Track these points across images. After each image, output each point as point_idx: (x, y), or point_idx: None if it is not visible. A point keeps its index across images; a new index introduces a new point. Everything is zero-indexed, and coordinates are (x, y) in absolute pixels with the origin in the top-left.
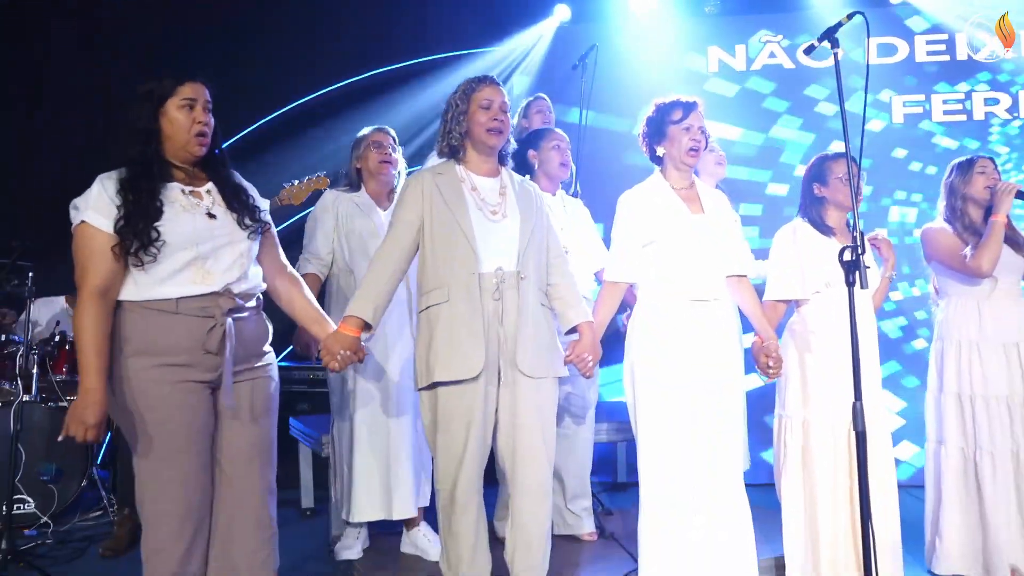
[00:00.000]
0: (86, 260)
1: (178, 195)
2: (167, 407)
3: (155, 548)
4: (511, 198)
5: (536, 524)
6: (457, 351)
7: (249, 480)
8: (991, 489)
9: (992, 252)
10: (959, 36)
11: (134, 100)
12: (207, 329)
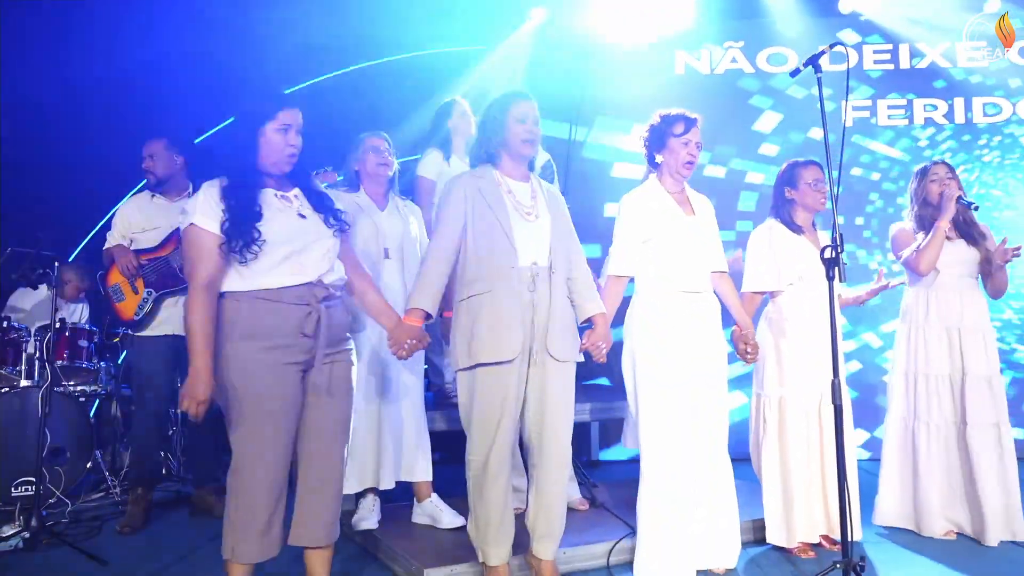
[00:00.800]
0: (196, 257)
1: (272, 199)
2: (268, 386)
3: (248, 511)
4: (541, 201)
5: (558, 490)
6: (499, 336)
7: (330, 455)
8: (925, 456)
9: (930, 253)
10: (902, 46)
11: (235, 115)
12: (304, 315)
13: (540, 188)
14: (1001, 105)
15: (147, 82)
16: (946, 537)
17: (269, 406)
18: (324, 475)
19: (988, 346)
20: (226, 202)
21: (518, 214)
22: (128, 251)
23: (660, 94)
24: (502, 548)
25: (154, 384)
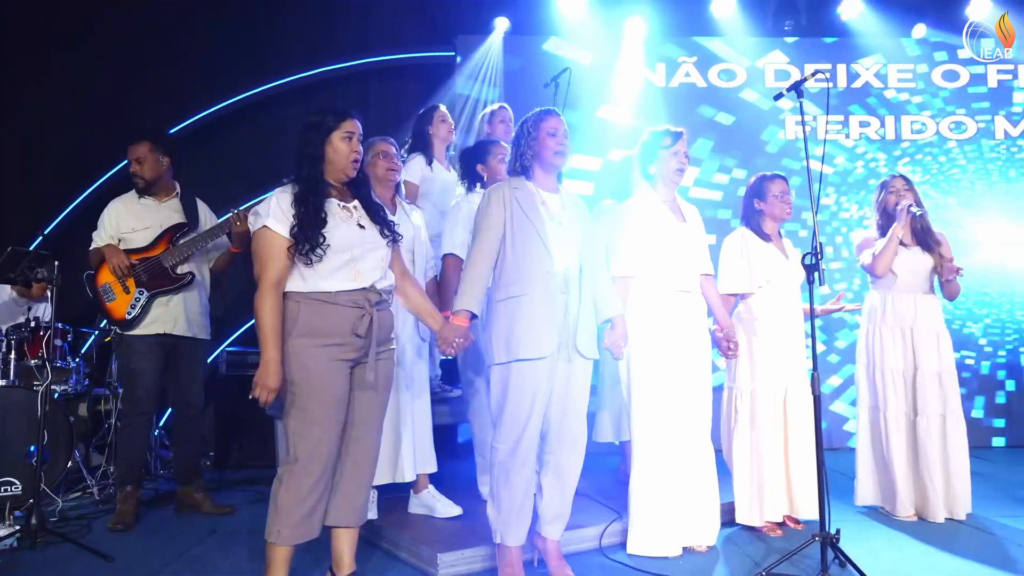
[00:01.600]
0: (266, 258)
1: (336, 208)
2: (323, 380)
3: (297, 497)
4: (570, 210)
5: (574, 476)
6: (537, 335)
7: (369, 443)
8: (886, 442)
9: (885, 258)
10: (840, 66)
11: (303, 128)
12: (358, 317)
13: (569, 199)
14: (927, 124)
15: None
16: (908, 519)
17: (325, 399)
18: (362, 462)
19: (940, 345)
20: (296, 208)
21: (552, 222)
22: (120, 251)
23: (620, 105)
24: (521, 531)
25: (145, 383)
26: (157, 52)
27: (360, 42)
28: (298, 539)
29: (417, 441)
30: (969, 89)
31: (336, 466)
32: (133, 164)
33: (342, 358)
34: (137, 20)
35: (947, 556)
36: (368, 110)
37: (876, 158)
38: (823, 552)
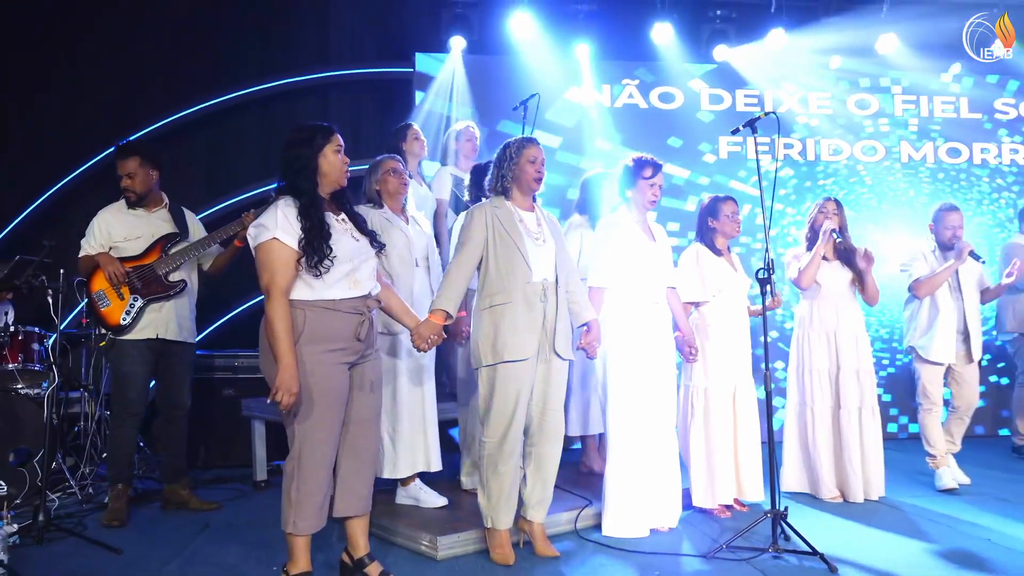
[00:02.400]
0: (275, 268)
1: (333, 221)
2: (328, 382)
3: (309, 490)
4: (545, 226)
5: (554, 463)
6: (519, 339)
7: (368, 437)
8: (812, 434)
9: (808, 273)
10: (767, 92)
11: (292, 143)
12: (359, 323)
13: (543, 216)
14: (841, 147)
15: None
16: (833, 500)
17: (330, 400)
18: (364, 456)
19: (859, 346)
20: (303, 221)
21: (530, 238)
22: (115, 260)
23: (572, 123)
24: (509, 515)
25: (136, 385)
26: (115, 60)
27: (320, 56)
28: (313, 528)
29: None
30: (879, 117)
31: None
32: (124, 179)
33: (343, 361)
34: (97, 27)
35: (869, 529)
36: (328, 121)
37: (798, 177)
38: (773, 526)
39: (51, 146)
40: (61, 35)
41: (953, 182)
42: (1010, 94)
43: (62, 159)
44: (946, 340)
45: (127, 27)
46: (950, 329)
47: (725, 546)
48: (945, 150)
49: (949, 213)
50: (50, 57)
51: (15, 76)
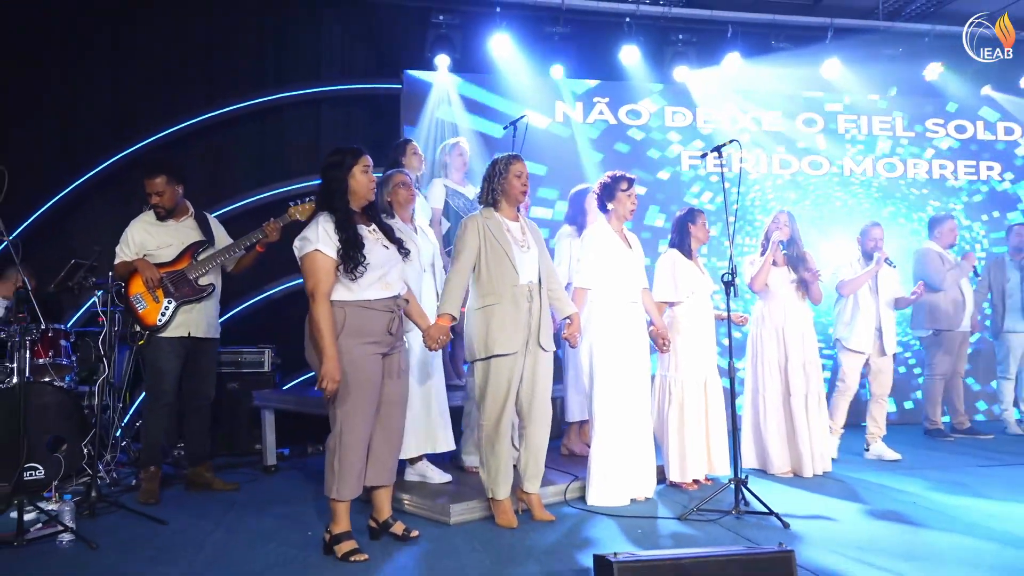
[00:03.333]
0: (318, 276)
1: (366, 232)
2: (365, 371)
3: (349, 461)
4: (529, 235)
5: (543, 443)
6: (508, 335)
7: (397, 417)
8: (764, 418)
9: (759, 277)
10: (724, 110)
11: (326, 168)
12: (390, 319)
13: (527, 224)
14: (791, 161)
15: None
16: (784, 475)
17: (366, 386)
18: (392, 434)
19: (806, 341)
20: (339, 234)
21: (517, 246)
22: (151, 266)
23: (546, 138)
24: (507, 486)
25: (168, 378)
26: (117, 74)
27: (313, 72)
28: (352, 495)
29: (443, 420)
30: (824, 135)
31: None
32: (153, 196)
33: (377, 352)
34: (99, 43)
35: (814, 495)
36: (320, 135)
37: (755, 189)
38: (736, 492)
39: (53, 156)
40: (64, 49)
41: (889, 194)
42: (939, 115)
43: (64, 169)
44: (865, 333)
45: (129, 43)
46: (868, 323)
47: (696, 509)
48: (882, 165)
49: (873, 228)
50: (53, 71)
51: (15, 88)
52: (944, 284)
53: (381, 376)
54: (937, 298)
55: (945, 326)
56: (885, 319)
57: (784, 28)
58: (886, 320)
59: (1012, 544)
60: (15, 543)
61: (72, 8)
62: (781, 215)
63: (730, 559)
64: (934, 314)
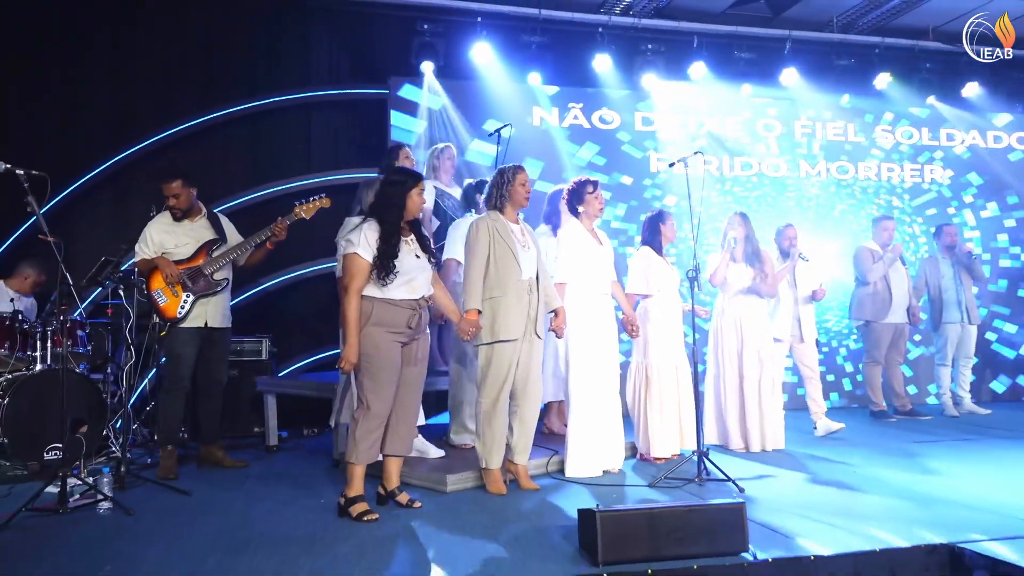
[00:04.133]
0: (354, 274)
1: (402, 243)
2: (388, 355)
3: (369, 431)
4: (528, 236)
5: (533, 419)
6: (511, 323)
7: (413, 397)
8: (724, 399)
9: (718, 274)
10: (689, 116)
11: (388, 184)
12: (411, 315)
13: (525, 227)
14: (751, 163)
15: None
16: (741, 450)
17: (388, 368)
18: (409, 411)
19: (761, 331)
20: (380, 244)
21: (519, 245)
22: (171, 263)
23: (524, 139)
24: (500, 457)
25: (186, 365)
26: (114, 79)
27: (303, 77)
28: (369, 460)
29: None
30: (782, 139)
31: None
32: (171, 199)
33: (399, 341)
34: (98, 47)
35: (766, 466)
36: (310, 137)
37: (720, 191)
38: (699, 462)
39: (54, 156)
40: (62, 54)
41: (840, 195)
42: (887, 123)
43: (65, 169)
44: (784, 323)
45: (125, 48)
46: (788, 314)
47: (664, 477)
48: (835, 167)
49: (787, 228)
50: (54, 73)
51: (15, 87)
52: (870, 278)
53: (400, 361)
54: (865, 291)
55: (871, 317)
56: (803, 310)
57: (746, 39)
58: (804, 311)
59: (929, 503)
60: (59, 511)
61: (72, 10)
62: (735, 216)
63: (691, 509)
64: (862, 306)
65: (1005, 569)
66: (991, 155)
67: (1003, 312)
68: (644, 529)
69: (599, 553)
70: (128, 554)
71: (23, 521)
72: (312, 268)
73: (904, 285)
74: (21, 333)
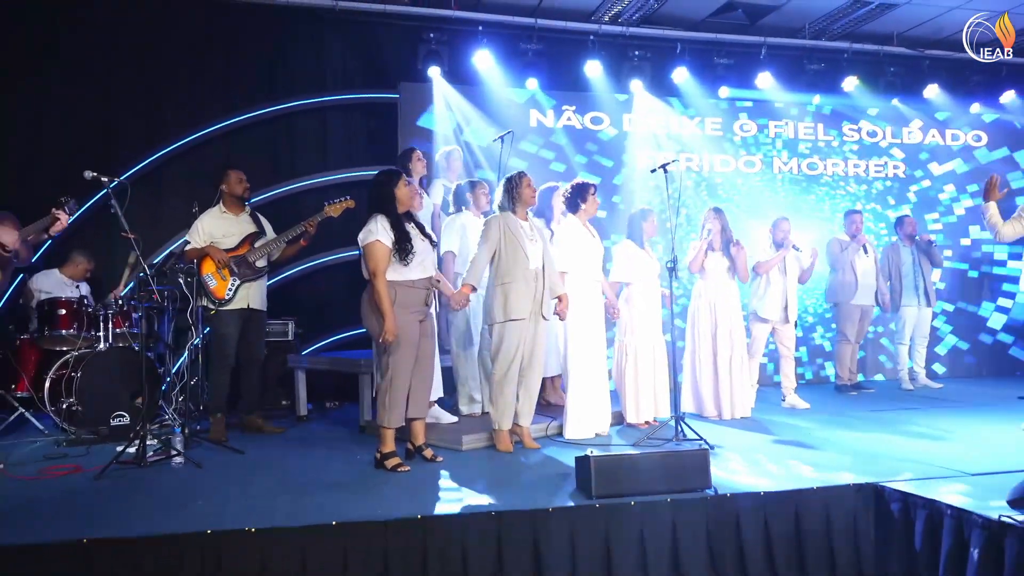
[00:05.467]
0: (379, 259)
1: (409, 228)
2: (408, 333)
3: (396, 398)
4: (534, 231)
5: (537, 387)
6: (520, 305)
7: (429, 366)
8: (699, 372)
9: (695, 262)
10: (672, 117)
11: (379, 182)
12: (426, 294)
13: (533, 223)
14: (729, 161)
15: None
16: (714, 417)
17: (409, 343)
18: (426, 378)
19: (732, 313)
20: (394, 230)
21: (527, 239)
22: (220, 250)
23: (521, 139)
24: (509, 420)
25: (232, 343)
26: (143, 86)
27: (318, 83)
28: (397, 423)
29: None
30: (757, 138)
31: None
32: (241, 187)
33: (418, 318)
34: (127, 57)
35: (735, 430)
36: (326, 139)
37: (698, 185)
38: (676, 425)
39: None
40: (98, 64)
41: (810, 188)
42: (854, 123)
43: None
44: (773, 305)
45: (154, 58)
46: (777, 297)
47: (646, 439)
48: (806, 164)
49: (782, 221)
50: (90, 80)
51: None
52: (837, 266)
53: (418, 335)
54: (834, 277)
55: (840, 299)
56: (790, 294)
57: (724, 45)
58: (791, 295)
59: (866, 456)
60: (140, 464)
61: (107, 24)
62: (710, 211)
63: (666, 454)
64: (832, 289)
65: (912, 500)
66: (949, 150)
67: None
68: (628, 470)
69: (593, 489)
70: (210, 494)
71: (112, 473)
72: (331, 257)
73: (871, 271)
74: (87, 316)
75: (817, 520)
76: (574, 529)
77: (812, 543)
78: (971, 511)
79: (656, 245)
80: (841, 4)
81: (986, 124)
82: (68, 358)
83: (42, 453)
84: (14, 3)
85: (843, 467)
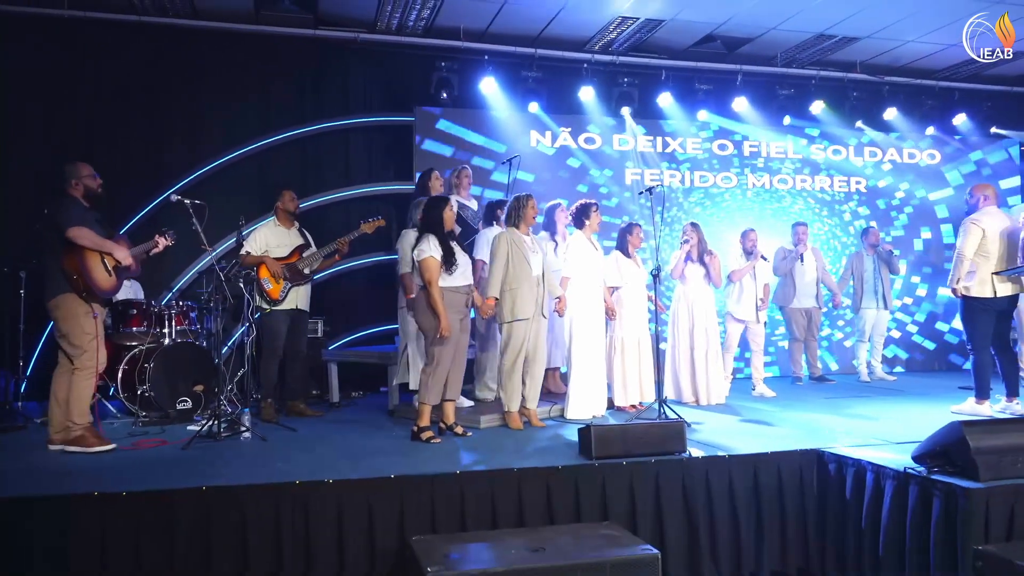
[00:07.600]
0: (432, 271)
1: (453, 245)
2: (452, 329)
3: (437, 380)
4: (536, 244)
5: (540, 375)
6: (525, 306)
7: (463, 357)
8: (679, 364)
9: (676, 269)
10: (657, 138)
11: (431, 208)
12: (467, 299)
13: (535, 238)
14: (708, 177)
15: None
16: (691, 403)
17: (452, 337)
18: (460, 366)
19: (708, 314)
20: (442, 247)
21: (530, 252)
22: (275, 260)
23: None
24: (517, 402)
25: (281, 338)
26: (187, 113)
27: (342, 107)
28: (435, 401)
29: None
30: (733, 156)
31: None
32: (293, 204)
33: (458, 318)
34: (173, 90)
35: (709, 412)
36: (349, 157)
37: (681, 202)
38: (659, 407)
39: (143, 175)
40: (147, 95)
41: (780, 202)
42: (820, 141)
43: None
44: (747, 306)
45: (197, 87)
46: (750, 300)
47: (634, 418)
48: (777, 180)
49: (750, 232)
50: (140, 110)
51: (110, 120)
52: (779, 272)
53: (459, 332)
54: (779, 283)
55: (782, 303)
56: (761, 298)
57: (704, 73)
58: (761, 299)
59: (814, 430)
60: (216, 438)
61: (155, 60)
62: (688, 225)
63: (651, 424)
64: (777, 294)
65: (844, 460)
66: (907, 168)
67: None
68: (620, 438)
69: (592, 451)
70: (284, 458)
71: (196, 445)
72: (355, 263)
73: (811, 277)
74: (154, 315)
75: (771, 477)
76: (578, 482)
77: (767, 496)
78: (885, 465)
79: (643, 254)
80: (810, 36)
81: (939, 144)
82: (135, 352)
83: (124, 431)
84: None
85: (794, 438)
